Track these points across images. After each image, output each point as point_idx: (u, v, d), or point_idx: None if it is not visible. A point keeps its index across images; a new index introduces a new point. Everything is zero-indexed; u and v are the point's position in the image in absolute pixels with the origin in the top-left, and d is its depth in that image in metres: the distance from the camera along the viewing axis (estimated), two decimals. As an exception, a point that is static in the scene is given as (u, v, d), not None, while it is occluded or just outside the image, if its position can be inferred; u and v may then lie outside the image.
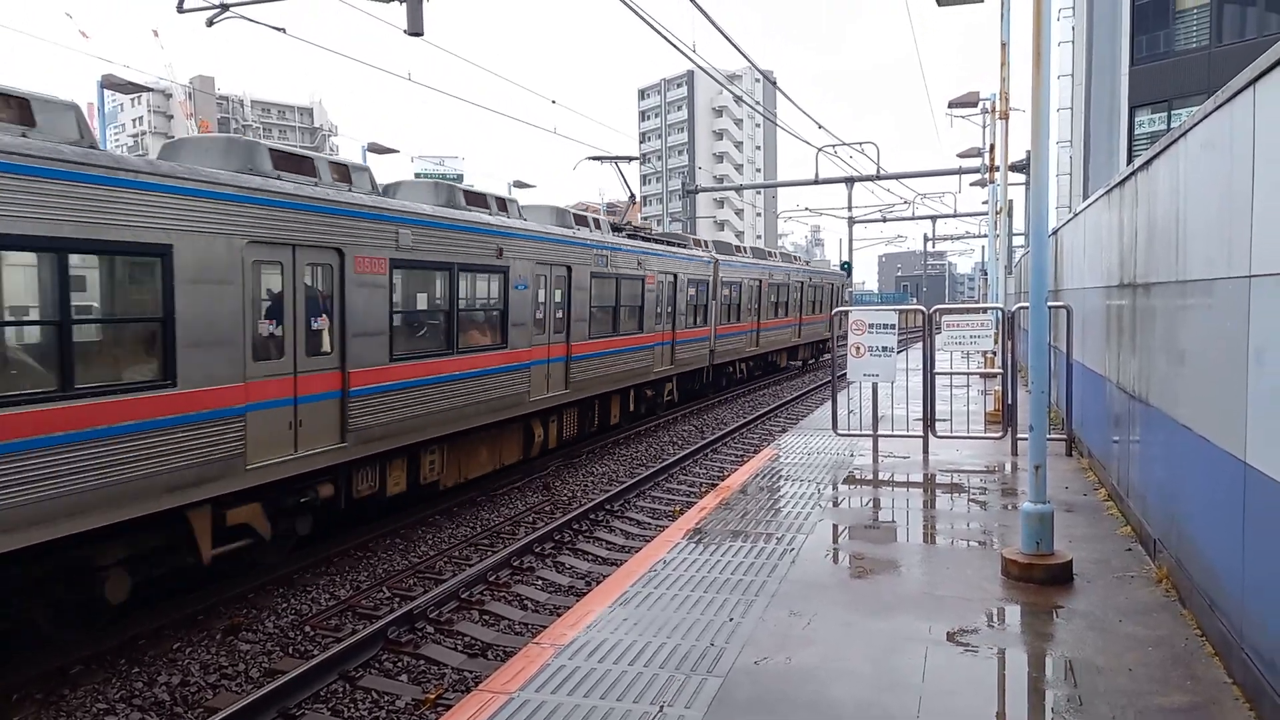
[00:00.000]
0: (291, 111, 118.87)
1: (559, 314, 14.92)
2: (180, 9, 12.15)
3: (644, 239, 20.58)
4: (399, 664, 7.39)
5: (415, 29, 11.05)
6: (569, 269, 15.14)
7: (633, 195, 23.07)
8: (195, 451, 7.91)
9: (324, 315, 9.64)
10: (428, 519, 11.78)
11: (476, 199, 13.20)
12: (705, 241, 25.28)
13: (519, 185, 37.24)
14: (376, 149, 30.60)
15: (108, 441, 7.16)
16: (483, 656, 7.58)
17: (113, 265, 7.53)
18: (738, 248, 28.55)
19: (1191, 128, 5.36)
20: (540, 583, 9.46)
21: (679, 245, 22.32)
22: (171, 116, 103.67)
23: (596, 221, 17.97)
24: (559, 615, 7.35)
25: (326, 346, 9.68)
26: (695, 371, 22.74)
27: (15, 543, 6.48)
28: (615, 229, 19.31)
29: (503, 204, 13.83)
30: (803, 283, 33.53)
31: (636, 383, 18.61)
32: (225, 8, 12.34)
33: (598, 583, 8.66)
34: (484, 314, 12.86)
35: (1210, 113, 4.94)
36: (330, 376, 9.70)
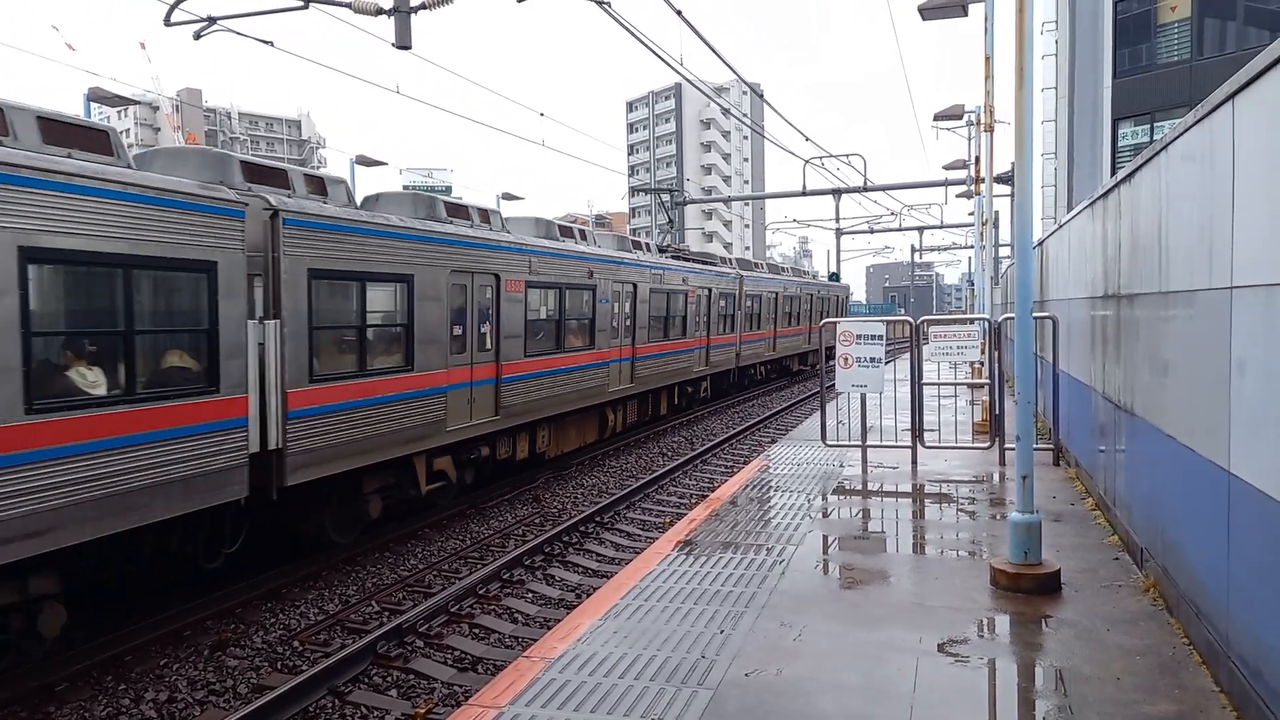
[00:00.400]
0: (279, 124, 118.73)
1: (627, 322, 18.63)
2: (167, 22, 12.14)
3: (684, 259, 24.46)
4: (388, 679, 7.35)
5: (403, 42, 11.07)
6: (634, 286, 18.91)
7: (671, 220, 28.62)
8: (421, 415, 11.44)
9: (488, 322, 13.08)
10: (417, 532, 11.74)
11: (567, 231, 17.00)
12: (731, 259, 28.94)
13: (508, 197, 37.24)
14: (365, 161, 30.59)
15: (380, 407, 10.67)
16: (473, 670, 7.56)
17: (383, 288, 11.02)
18: (756, 264, 32.00)
19: (1173, 141, 5.43)
20: (530, 595, 9.43)
21: (711, 263, 25.93)
22: (159, 129, 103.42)
23: (648, 245, 22.35)
24: (549, 628, 7.34)
25: (488, 345, 13.10)
26: (724, 372, 26.48)
27: (328, 470, 9.81)
28: (661, 250, 23.59)
29: (583, 234, 17.71)
30: (812, 295, 37.58)
31: (680, 380, 22.34)
32: (212, 21, 12.34)
33: (588, 595, 8.64)
34: (578, 322, 16.45)
35: (1191, 126, 5.00)
36: (490, 367, 13.21)
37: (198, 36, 12.55)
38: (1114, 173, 12.54)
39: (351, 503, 10.78)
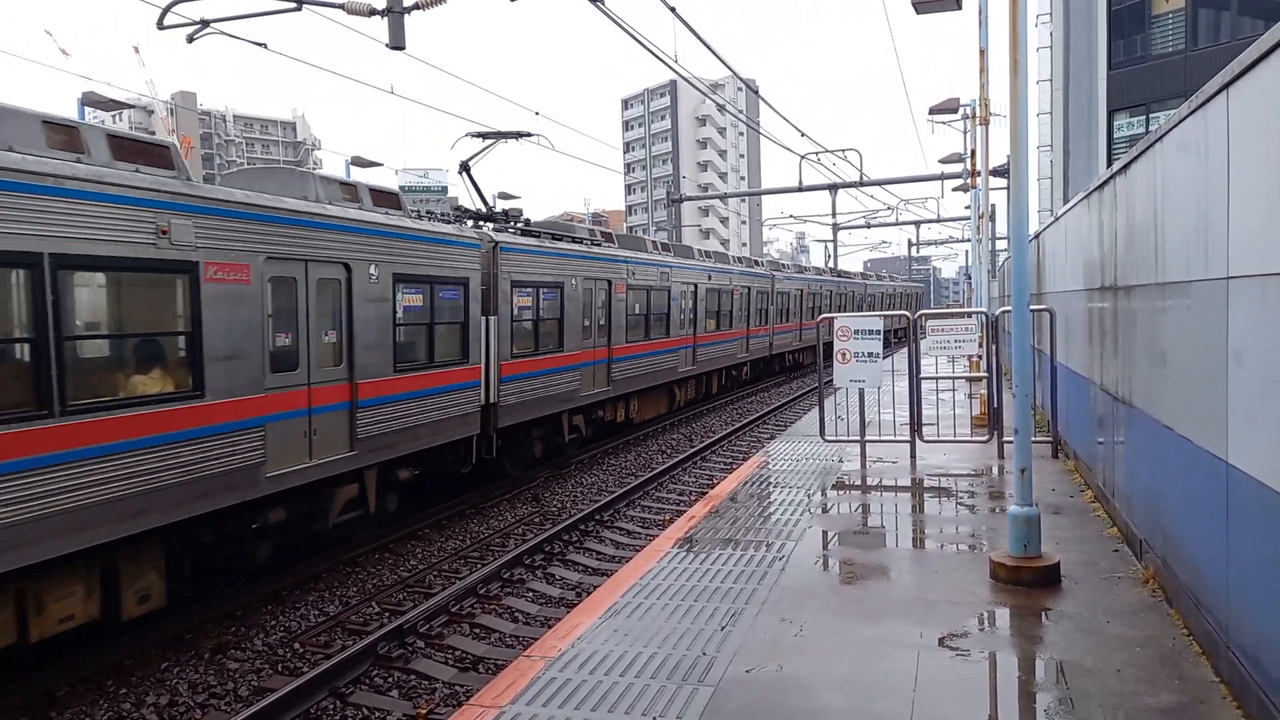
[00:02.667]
0: (274, 126, 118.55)
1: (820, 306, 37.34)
2: (160, 25, 12.09)
3: (844, 276, 43.67)
4: (389, 679, 7.35)
5: (397, 43, 11.05)
6: (852, 293, 39.91)
7: (829, 260, 52.03)
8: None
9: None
10: (416, 532, 11.74)
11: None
12: (859, 275, 52.76)
13: (504, 196, 37.19)
14: (360, 162, 30.54)
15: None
16: (474, 670, 7.55)
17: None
18: (869, 275, 54.96)
19: (1168, 131, 5.42)
20: (530, 595, 9.43)
21: (851, 277, 46.38)
22: (153, 133, 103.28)
23: (832, 270, 43.87)
24: (550, 627, 7.33)
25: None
26: None
27: (707, 370, 24.24)
28: (832, 271, 42.18)
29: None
30: (903, 293, 61.34)
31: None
32: (205, 24, 12.30)
33: (588, 594, 8.64)
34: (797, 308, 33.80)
35: (1185, 117, 4.99)
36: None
37: (191, 39, 12.50)
38: (1110, 164, 12.53)
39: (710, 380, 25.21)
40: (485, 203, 15.61)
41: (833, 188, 35.97)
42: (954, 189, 32.82)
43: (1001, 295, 22.94)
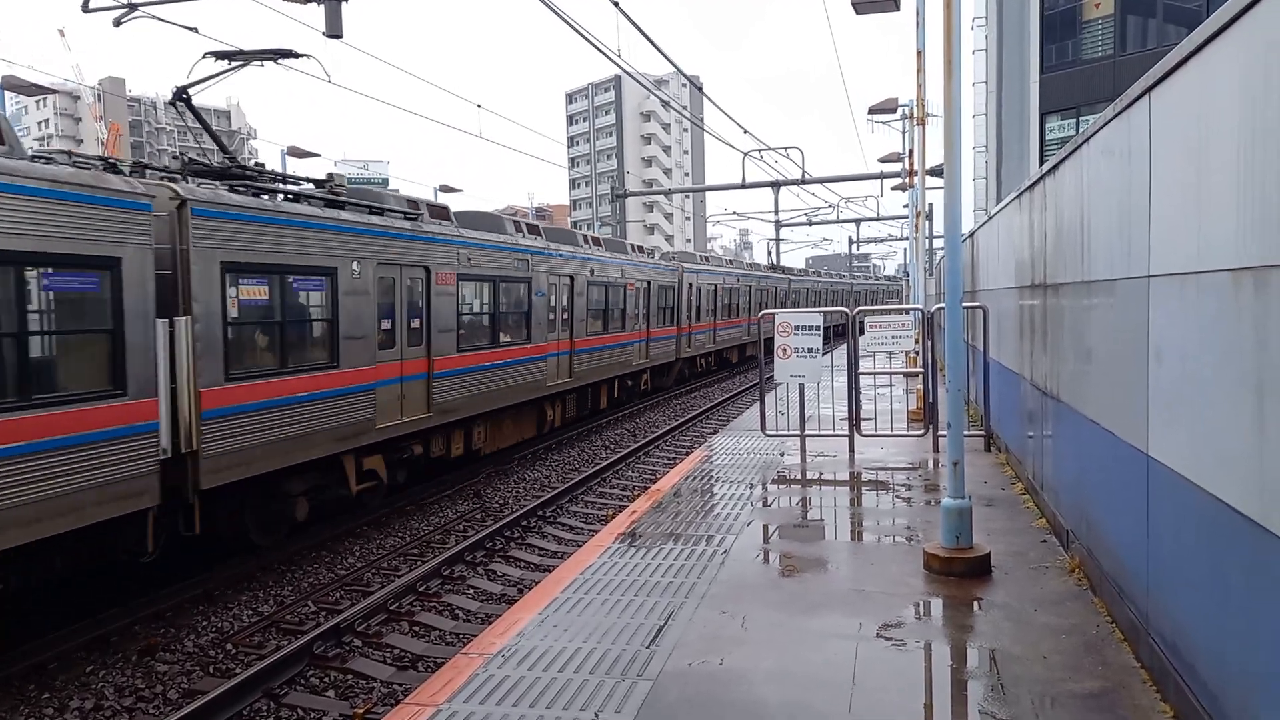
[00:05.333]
0: (208, 114, 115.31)
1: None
2: (86, 8, 11.66)
3: (876, 280, 79.61)
4: (326, 679, 7.23)
5: (334, 31, 10.83)
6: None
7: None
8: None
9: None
10: (355, 530, 11.55)
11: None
12: (887, 277, 69.94)
13: (445, 189, 36.80)
14: (296, 153, 29.88)
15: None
16: (413, 669, 7.47)
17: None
18: (890, 277, 70.59)
19: (1093, 134, 5.58)
20: (471, 591, 9.36)
21: (883, 281, 73.27)
22: (80, 119, 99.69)
23: (898, 277, 73.24)
24: (490, 624, 7.28)
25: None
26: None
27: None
28: (888, 278, 69.34)
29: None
30: (885, 289, 76.34)
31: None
32: (133, 7, 11.89)
33: (529, 590, 8.60)
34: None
35: (1110, 120, 5.14)
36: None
37: (118, 23, 12.08)
38: (1041, 165, 12.86)
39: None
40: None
41: (775, 185, 36.27)
42: (893, 188, 33.35)
43: (938, 292, 23.43)
